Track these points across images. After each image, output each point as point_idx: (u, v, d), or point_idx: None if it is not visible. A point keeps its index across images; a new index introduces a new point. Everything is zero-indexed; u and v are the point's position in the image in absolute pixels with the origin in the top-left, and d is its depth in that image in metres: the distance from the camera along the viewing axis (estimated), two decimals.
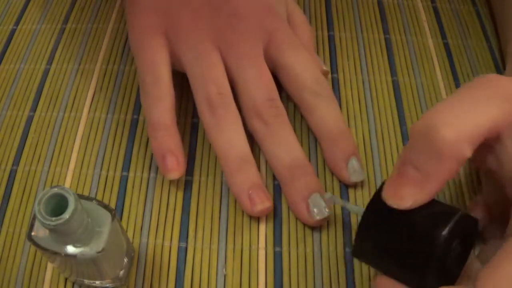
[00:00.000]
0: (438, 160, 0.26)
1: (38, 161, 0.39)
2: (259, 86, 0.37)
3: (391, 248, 0.28)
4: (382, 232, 0.28)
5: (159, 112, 0.37)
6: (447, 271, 0.28)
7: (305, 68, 0.39)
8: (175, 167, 0.36)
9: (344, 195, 0.37)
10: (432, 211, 0.27)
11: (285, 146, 0.37)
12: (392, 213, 0.27)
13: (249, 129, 0.38)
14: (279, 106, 0.38)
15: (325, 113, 0.38)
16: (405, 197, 0.27)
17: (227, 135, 0.36)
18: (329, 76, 0.43)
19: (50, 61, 0.45)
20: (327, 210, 0.35)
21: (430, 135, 0.26)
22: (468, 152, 0.26)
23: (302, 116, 0.40)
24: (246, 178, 0.36)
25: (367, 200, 0.37)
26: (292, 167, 0.36)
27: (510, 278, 0.24)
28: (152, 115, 0.37)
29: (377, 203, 0.28)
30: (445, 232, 0.26)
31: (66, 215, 0.26)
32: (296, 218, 0.36)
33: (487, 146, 0.28)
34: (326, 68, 0.42)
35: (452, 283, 0.29)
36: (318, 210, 0.35)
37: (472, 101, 0.27)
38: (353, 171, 0.37)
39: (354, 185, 0.38)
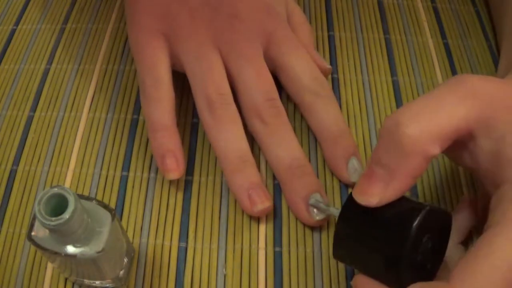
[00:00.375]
0: (402, 157, 0.26)
1: (38, 161, 0.39)
2: (258, 86, 0.37)
3: (365, 247, 0.28)
4: (356, 232, 0.29)
5: (159, 113, 0.37)
6: (421, 266, 0.28)
7: (305, 68, 0.39)
8: (174, 167, 0.36)
9: (345, 194, 0.37)
10: (401, 208, 0.28)
11: (285, 146, 0.37)
12: (364, 213, 0.28)
13: (249, 129, 0.38)
14: (278, 106, 0.38)
15: (324, 113, 0.38)
16: (373, 194, 0.27)
17: (226, 135, 0.36)
18: (329, 76, 0.43)
19: (50, 61, 0.45)
20: (314, 197, 0.35)
21: (395, 132, 0.27)
22: (433, 149, 0.26)
23: (302, 116, 0.40)
24: (246, 178, 0.36)
25: None
26: (291, 167, 0.36)
27: (486, 275, 0.24)
28: (151, 116, 0.37)
29: (351, 204, 0.29)
30: (413, 227, 0.26)
31: (66, 215, 0.26)
32: (296, 218, 0.36)
33: (462, 144, 0.28)
34: (329, 65, 0.42)
35: (431, 279, 0.29)
36: (318, 208, 0.35)
37: (440, 100, 0.27)
38: (353, 171, 0.37)
39: (354, 184, 0.37)
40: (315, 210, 0.35)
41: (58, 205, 0.26)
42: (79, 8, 0.49)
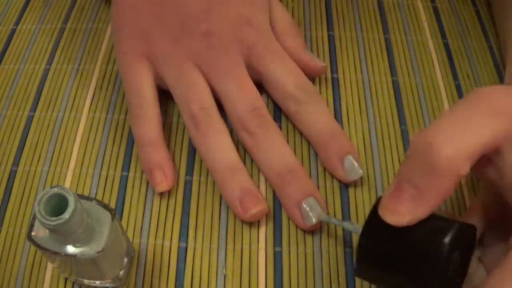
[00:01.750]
0: (435, 177, 0.26)
1: (38, 161, 0.39)
2: (241, 98, 0.38)
3: (393, 265, 0.28)
4: (382, 250, 0.28)
5: (144, 129, 0.38)
6: (449, 282, 0.28)
7: (287, 77, 0.39)
8: (162, 179, 0.36)
9: (345, 194, 0.37)
10: (430, 225, 0.27)
11: (273, 154, 0.37)
12: (390, 230, 0.27)
13: (240, 141, 0.39)
14: (263, 115, 0.38)
15: (312, 119, 0.39)
16: (403, 213, 0.27)
17: (213, 147, 0.37)
18: (329, 76, 0.43)
19: (50, 61, 0.45)
20: (323, 212, 0.35)
21: (428, 153, 0.26)
22: (465, 169, 0.26)
23: None
24: (236, 185, 0.36)
25: (367, 199, 0.37)
26: (281, 174, 0.36)
27: None
28: (138, 132, 0.38)
29: (374, 220, 0.28)
30: (445, 245, 0.26)
31: (66, 215, 0.26)
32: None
33: (486, 158, 0.28)
34: (323, 63, 0.42)
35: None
36: (315, 212, 0.35)
37: (467, 119, 0.27)
38: (350, 170, 0.37)
39: (354, 183, 0.37)
40: (311, 213, 0.35)
41: (58, 205, 0.26)
42: (79, 8, 0.49)
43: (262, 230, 0.36)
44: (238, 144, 0.39)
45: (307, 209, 0.35)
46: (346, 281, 0.34)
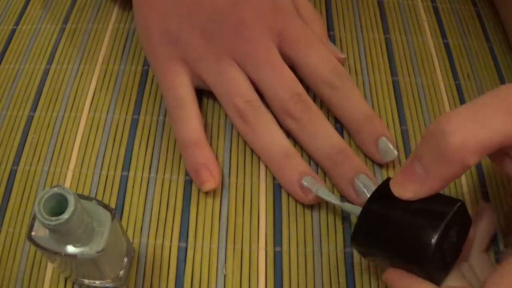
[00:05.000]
0: (442, 162, 0.27)
1: (38, 161, 0.39)
2: (281, 86, 0.38)
3: (393, 230, 0.29)
4: (385, 215, 0.30)
5: (186, 131, 0.38)
6: (443, 257, 0.29)
7: (320, 62, 0.39)
8: (209, 178, 0.36)
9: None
10: (435, 200, 0.29)
11: (320, 137, 0.37)
12: (393, 203, 0.29)
13: (284, 128, 0.39)
14: (306, 99, 0.38)
15: (345, 103, 0.39)
16: (408, 189, 0.29)
17: (263, 138, 0.38)
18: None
19: (50, 61, 0.45)
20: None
21: (438, 138, 0.27)
22: (471, 161, 0.27)
23: None
24: (294, 171, 0.36)
25: None
26: (332, 155, 0.37)
27: None
28: (179, 135, 0.38)
29: (380, 195, 0.30)
30: (447, 217, 0.28)
31: (66, 215, 0.26)
32: (296, 218, 0.36)
33: (505, 152, 0.28)
34: (343, 55, 0.42)
35: (446, 273, 0.30)
36: (368, 188, 0.35)
37: (486, 112, 0.27)
38: (384, 152, 0.37)
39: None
40: (365, 189, 0.35)
41: (58, 205, 0.26)
42: (79, 8, 0.49)
43: (262, 230, 0.36)
44: None
45: (361, 185, 0.35)
46: (346, 281, 0.34)
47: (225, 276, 0.34)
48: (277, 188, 0.38)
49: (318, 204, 0.37)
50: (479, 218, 0.33)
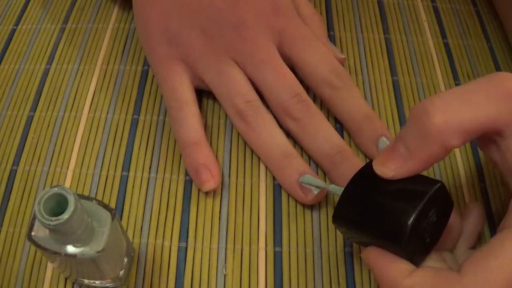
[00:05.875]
0: (423, 143, 0.28)
1: (38, 161, 0.39)
2: (281, 86, 0.38)
3: (373, 209, 0.29)
4: (366, 194, 0.30)
5: (186, 131, 0.38)
6: (422, 237, 0.29)
7: (320, 62, 0.39)
8: (209, 178, 0.36)
9: None
10: (416, 180, 0.29)
11: (320, 137, 0.37)
12: (375, 184, 0.30)
13: (284, 128, 0.39)
14: (305, 100, 0.38)
15: (346, 104, 0.39)
16: (389, 168, 0.29)
17: (263, 138, 0.38)
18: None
19: (50, 61, 0.45)
20: None
21: (421, 118, 0.27)
22: (453, 142, 0.27)
23: None
24: (294, 171, 0.36)
25: None
26: (331, 155, 0.37)
27: (495, 273, 0.25)
28: (179, 135, 0.38)
29: (362, 176, 0.31)
30: (426, 196, 0.28)
31: (66, 215, 0.26)
32: (296, 218, 0.36)
33: (491, 138, 0.28)
34: (343, 55, 0.42)
35: (428, 251, 0.30)
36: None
37: (473, 95, 0.27)
38: None
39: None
40: None
41: (58, 205, 0.26)
42: (79, 8, 0.49)
43: (262, 230, 0.36)
44: None
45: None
46: (346, 281, 0.34)
47: (225, 276, 0.34)
48: (277, 188, 0.38)
49: (318, 204, 0.37)
50: (467, 214, 0.33)
